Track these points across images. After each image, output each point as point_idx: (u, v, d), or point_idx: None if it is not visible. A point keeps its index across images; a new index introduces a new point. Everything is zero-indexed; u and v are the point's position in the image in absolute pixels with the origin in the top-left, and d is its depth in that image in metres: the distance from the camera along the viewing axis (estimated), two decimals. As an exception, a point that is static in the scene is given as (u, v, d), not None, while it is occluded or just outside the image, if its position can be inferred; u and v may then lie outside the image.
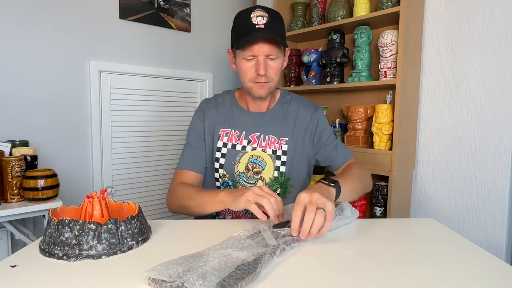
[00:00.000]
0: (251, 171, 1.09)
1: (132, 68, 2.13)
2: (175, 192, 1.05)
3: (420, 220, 0.99)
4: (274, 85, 1.05)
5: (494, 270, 0.64)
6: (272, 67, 1.01)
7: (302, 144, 1.12)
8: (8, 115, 1.72)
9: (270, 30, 0.96)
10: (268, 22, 0.96)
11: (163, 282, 0.53)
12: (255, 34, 0.95)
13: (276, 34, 0.97)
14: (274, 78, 1.03)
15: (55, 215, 0.73)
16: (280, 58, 1.02)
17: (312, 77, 1.96)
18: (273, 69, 1.01)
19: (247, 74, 1.02)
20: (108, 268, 0.63)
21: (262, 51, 0.97)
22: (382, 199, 1.64)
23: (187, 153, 1.13)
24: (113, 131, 2.08)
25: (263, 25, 0.96)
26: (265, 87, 1.03)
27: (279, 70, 1.03)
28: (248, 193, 0.82)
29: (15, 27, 1.73)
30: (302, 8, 2.05)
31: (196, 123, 1.15)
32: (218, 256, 0.60)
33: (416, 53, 1.61)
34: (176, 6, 2.27)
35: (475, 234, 1.51)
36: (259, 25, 0.96)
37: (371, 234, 0.82)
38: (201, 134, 1.14)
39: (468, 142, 1.53)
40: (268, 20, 0.97)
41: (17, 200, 1.44)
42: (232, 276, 0.55)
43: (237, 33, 1.01)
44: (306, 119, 1.14)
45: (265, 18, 0.96)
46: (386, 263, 0.66)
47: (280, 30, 1.01)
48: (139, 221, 0.74)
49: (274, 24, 0.98)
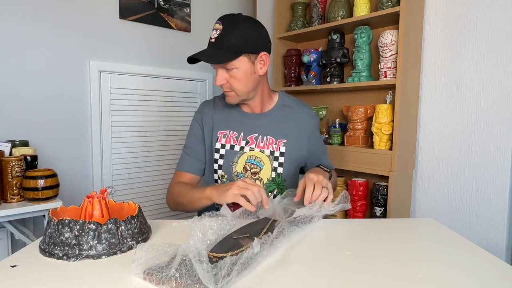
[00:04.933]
0: (249, 171, 1.10)
1: (132, 68, 2.13)
2: (171, 190, 1.11)
3: (420, 220, 0.99)
4: (243, 93, 1.04)
5: (494, 270, 0.64)
6: (231, 77, 1.01)
7: (299, 148, 1.14)
8: (8, 115, 1.72)
9: (216, 46, 0.98)
10: (219, 36, 0.97)
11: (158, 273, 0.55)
12: (203, 51, 0.99)
13: (222, 49, 0.97)
14: (237, 87, 1.02)
15: (55, 215, 0.73)
16: (238, 68, 0.99)
17: (312, 77, 1.96)
18: (232, 79, 1.02)
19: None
20: (108, 268, 0.63)
21: (212, 65, 1.02)
22: (382, 199, 1.64)
23: (185, 155, 1.17)
24: (113, 131, 2.07)
25: (214, 39, 0.98)
26: (231, 96, 1.06)
27: (240, 79, 1.01)
28: (233, 187, 0.88)
29: (15, 27, 1.73)
30: (302, 8, 2.05)
31: (195, 126, 1.18)
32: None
33: (416, 53, 1.61)
34: (176, 6, 2.27)
35: (475, 234, 1.51)
36: (211, 39, 0.99)
37: (371, 234, 0.82)
38: (199, 136, 1.16)
39: (468, 142, 1.53)
40: (220, 33, 0.97)
41: (17, 200, 1.44)
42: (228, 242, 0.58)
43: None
44: (304, 124, 1.16)
45: (218, 31, 0.98)
46: (386, 263, 0.66)
47: (232, 42, 0.97)
48: (139, 221, 0.74)
49: (226, 36, 0.97)
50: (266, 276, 0.60)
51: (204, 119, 1.16)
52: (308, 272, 0.62)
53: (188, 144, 1.17)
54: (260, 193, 0.88)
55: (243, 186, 0.88)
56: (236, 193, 0.88)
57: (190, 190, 1.04)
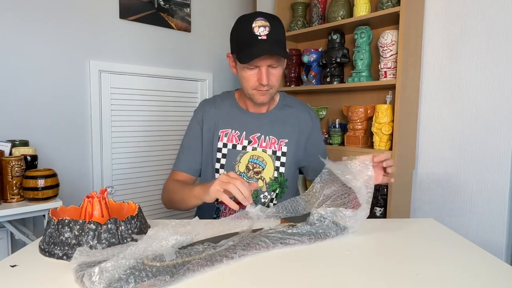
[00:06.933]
0: (251, 171, 1.10)
1: (132, 68, 2.13)
2: (165, 187, 1.11)
3: (420, 220, 0.99)
4: (275, 91, 1.07)
5: (494, 270, 0.64)
6: (274, 75, 1.01)
7: (298, 148, 1.14)
8: (8, 115, 1.72)
9: (272, 42, 0.95)
10: (270, 33, 0.95)
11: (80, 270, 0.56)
12: (259, 47, 0.94)
13: (278, 45, 0.97)
14: (276, 84, 1.04)
15: (55, 215, 0.73)
16: (281, 66, 1.02)
17: (312, 77, 1.96)
18: (275, 77, 1.02)
19: (249, 82, 1.02)
20: (108, 268, 0.62)
21: (266, 62, 0.97)
22: (382, 199, 1.64)
23: (181, 155, 1.16)
24: (113, 131, 2.07)
25: (265, 36, 0.94)
26: (266, 94, 1.04)
27: (280, 76, 1.05)
28: (215, 182, 0.84)
29: (15, 27, 1.72)
30: (302, 8, 2.05)
31: (194, 125, 1.17)
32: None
33: (416, 53, 1.61)
34: (176, 6, 2.27)
35: (475, 234, 1.51)
36: (262, 36, 0.94)
37: (371, 234, 0.82)
38: (198, 136, 1.15)
39: (468, 142, 1.53)
40: (270, 30, 0.95)
41: (17, 200, 1.44)
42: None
43: (239, 43, 1.00)
44: (304, 125, 1.16)
45: (267, 28, 0.94)
46: (386, 263, 0.66)
47: (281, 38, 1.00)
48: (139, 221, 0.74)
49: (276, 33, 0.96)
50: (266, 276, 0.60)
51: (205, 118, 1.14)
52: (308, 272, 0.62)
53: (185, 143, 1.17)
54: (244, 186, 0.82)
55: (226, 180, 0.83)
56: (218, 189, 0.83)
57: (181, 188, 1.03)
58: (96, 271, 0.52)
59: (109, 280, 0.52)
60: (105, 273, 0.52)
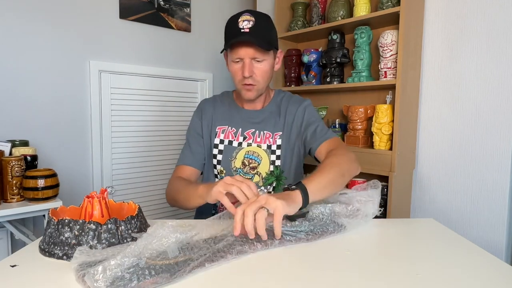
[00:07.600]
0: (247, 166, 1.12)
1: (132, 68, 2.13)
2: (170, 185, 1.10)
3: (420, 220, 0.99)
4: (262, 88, 1.09)
5: (494, 270, 0.64)
6: (258, 68, 1.04)
7: (292, 137, 1.15)
8: (8, 115, 1.72)
9: (254, 35, 0.99)
10: (253, 27, 1.00)
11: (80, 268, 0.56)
12: (239, 38, 0.99)
13: (259, 38, 1.00)
14: (261, 80, 1.06)
15: (55, 215, 0.73)
16: (267, 60, 1.05)
17: (312, 77, 1.96)
18: (259, 71, 1.04)
19: (235, 76, 1.07)
20: (108, 268, 0.62)
21: (248, 53, 1.01)
22: (382, 199, 1.64)
23: (186, 150, 1.18)
24: (113, 131, 2.07)
25: (247, 29, 0.99)
26: (252, 90, 1.07)
27: (266, 72, 1.06)
28: (218, 183, 0.82)
29: (15, 27, 1.72)
30: (302, 8, 2.05)
31: (194, 121, 1.21)
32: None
33: (416, 53, 1.61)
34: (176, 6, 2.27)
35: (475, 234, 1.51)
36: (244, 29, 1.00)
37: (371, 234, 0.82)
38: (199, 131, 1.18)
39: (468, 142, 1.53)
40: (254, 25, 1.00)
41: (17, 200, 1.44)
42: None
43: (226, 36, 1.06)
44: (293, 112, 1.16)
45: (251, 23, 1.00)
46: (386, 263, 0.66)
47: (265, 33, 1.03)
48: (139, 221, 0.74)
49: (260, 28, 1.01)
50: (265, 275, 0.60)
51: (204, 115, 1.19)
52: (308, 272, 0.62)
53: (188, 138, 1.20)
54: (251, 189, 0.78)
55: (230, 182, 0.80)
56: (220, 190, 0.80)
57: (186, 186, 1.01)
58: (100, 269, 0.53)
59: (112, 278, 0.53)
60: (108, 272, 0.53)
